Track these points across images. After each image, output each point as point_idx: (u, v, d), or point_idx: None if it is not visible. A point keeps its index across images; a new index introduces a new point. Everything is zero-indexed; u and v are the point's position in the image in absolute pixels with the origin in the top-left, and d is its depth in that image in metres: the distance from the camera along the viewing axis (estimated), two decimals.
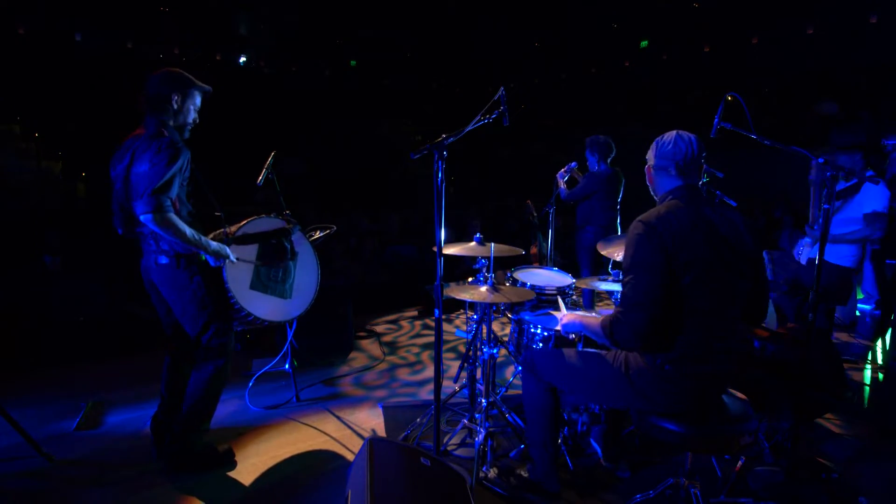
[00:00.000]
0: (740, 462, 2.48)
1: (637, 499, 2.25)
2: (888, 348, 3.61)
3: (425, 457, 1.98)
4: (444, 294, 2.37)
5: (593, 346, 2.44)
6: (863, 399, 3.53)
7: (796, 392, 2.43)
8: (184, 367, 2.59)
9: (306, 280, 2.99)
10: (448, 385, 3.45)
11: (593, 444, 2.65)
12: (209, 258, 2.42)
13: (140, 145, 2.25)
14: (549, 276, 3.22)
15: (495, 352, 2.79)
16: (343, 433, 2.95)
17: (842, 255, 3.39)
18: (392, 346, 4.50)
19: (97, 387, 3.47)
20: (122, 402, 3.26)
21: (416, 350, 4.42)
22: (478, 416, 2.74)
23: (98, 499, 2.34)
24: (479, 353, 2.91)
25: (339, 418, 3.12)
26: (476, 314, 3.00)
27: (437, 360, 2.33)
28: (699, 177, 1.99)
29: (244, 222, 2.69)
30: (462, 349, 4.35)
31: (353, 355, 4.23)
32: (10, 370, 3.77)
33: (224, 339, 2.47)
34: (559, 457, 2.57)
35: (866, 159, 3.36)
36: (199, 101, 2.45)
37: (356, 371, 3.91)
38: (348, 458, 2.67)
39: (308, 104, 14.43)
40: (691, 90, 13.96)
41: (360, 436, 2.92)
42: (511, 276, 3.11)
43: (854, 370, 4.00)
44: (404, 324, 5.18)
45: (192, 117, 2.43)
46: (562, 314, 2.35)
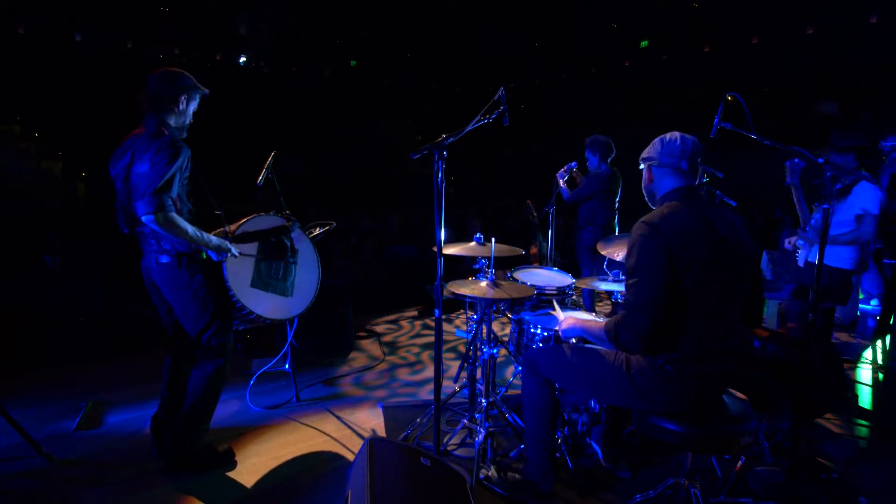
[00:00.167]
0: (740, 462, 2.48)
1: (637, 499, 2.25)
2: (888, 348, 3.61)
3: (425, 457, 1.98)
4: (445, 292, 2.37)
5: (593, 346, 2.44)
6: (863, 399, 3.53)
7: (796, 392, 2.43)
8: (184, 366, 2.59)
9: (307, 278, 2.98)
10: (448, 385, 3.45)
11: (593, 444, 2.65)
12: (211, 254, 2.43)
13: (140, 145, 2.25)
14: (549, 276, 3.22)
15: (495, 352, 2.79)
16: (343, 433, 2.95)
17: (840, 258, 3.38)
18: (392, 346, 4.50)
19: (97, 387, 3.47)
20: (122, 402, 3.26)
21: (416, 350, 4.42)
22: (478, 416, 2.74)
23: (98, 499, 2.34)
24: (479, 353, 2.91)
25: (339, 418, 3.12)
26: (476, 314, 3.00)
27: (437, 360, 2.33)
28: (697, 177, 2.00)
29: (243, 221, 2.69)
30: (462, 349, 4.35)
31: (353, 355, 4.23)
32: (10, 370, 3.76)
33: (223, 338, 2.47)
34: (559, 456, 2.57)
35: (860, 160, 3.35)
36: (197, 104, 2.47)
37: (356, 371, 3.91)
38: (348, 458, 2.67)
39: (308, 104, 14.44)
40: (691, 90, 13.97)
41: (360, 436, 2.92)
42: (511, 276, 3.11)
43: (854, 370, 4.01)
44: (404, 324, 5.17)
45: (191, 118, 2.45)
46: (561, 316, 2.35)
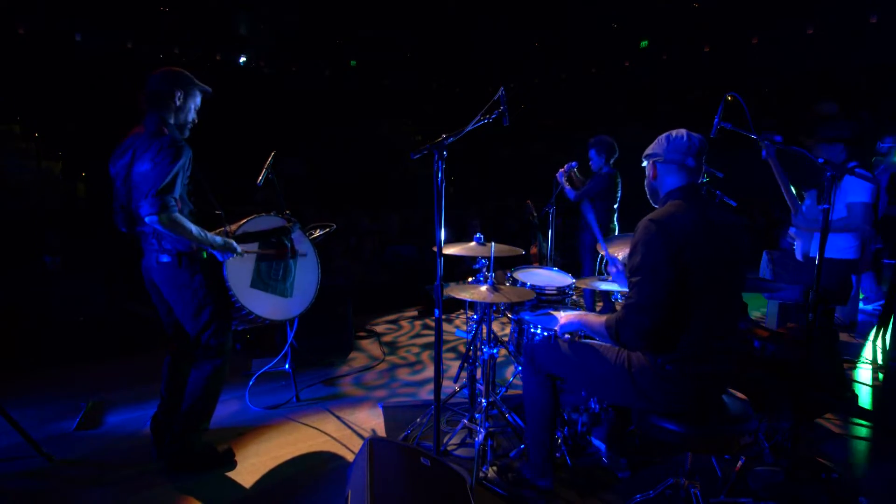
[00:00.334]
0: (740, 462, 2.48)
1: (637, 499, 2.25)
2: (888, 348, 3.61)
3: (425, 457, 1.98)
4: (444, 294, 2.37)
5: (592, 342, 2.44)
6: (863, 399, 3.53)
7: (796, 392, 2.43)
8: (184, 366, 2.59)
9: (307, 279, 2.99)
10: (448, 385, 3.45)
11: (594, 443, 2.65)
12: (217, 253, 2.42)
13: (141, 144, 2.25)
14: (549, 276, 3.22)
15: (495, 352, 2.79)
16: (343, 433, 2.95)
17: (841, 248, 3.33)
18: (392, 346, 4.50)
19: (97, 387, 3.47)
20: (122, 402, 3.26)
21: (416, 350, 4.42)
22: (478, 416, 2.74)
23: (98, 499, 2.34)
24: (479, 353, 2.91)
25: (339, 418, 3.12)
26: (476, 314, 3.00)
27: (437, 360, 2.33)
28: (700, 177, 2.00)
29: (244, 221, 2.69)
30: (462, 349, 4.34)
31: (353, 355, 4.23)
32: (10, 370, 3.76)
33: (222, 338, 2.47)
34: (559, 456, 2.57)
35: (848, 152, 3.33)
36: (199, 101, 2.46)
37: (356, 371, 3.91)
38: (348, 458, 2.67)
39: (308, 104, 14.44)
40: (691, 90, 13.97)
41: (360, 436, 2.92)
42: (511, 276, 3.11)
43: (854, 370, 4.01)
44: (404, 324, 5.17)
45: (192, 117, 2.43)
46: (561, 315, 2.35)
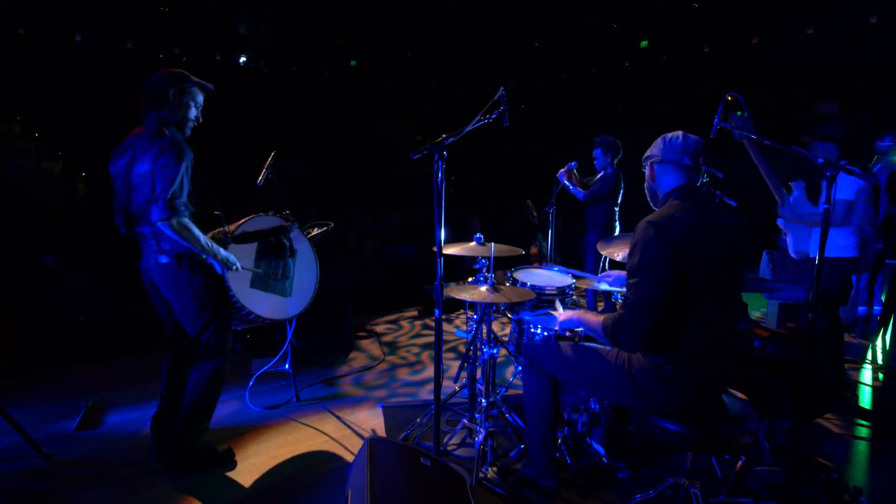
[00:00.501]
0: (740, 462, 2.48)
1: (637, 499, 2.25)
2: (888, 348, 3.61)
3: (425, 457, 1.98)
4: (444, 294, 2.37)
5: (593, 343, 2.44)
6: (863, 399, 3.53)
7: (796, 392, 2.43)
8: (184, 366, 2.59)
9: (306, 278, 2.99)
10: (448, 385, 3.45)
11: (593, 444, 2.65)
12: (216, 265, 2.43)
13: (141, 144, 2.25)
14: (549, 276, 3.22)
15: (495, 352, 2.79)
16: (343, 433, 2.95)
17: (839, 247, 3.33)
18: (392, 346, 4.50)
19: (97, 387, 3.47)
20: (122, 402, 3.26)
21: (416, 350, 4.42)
22: (478, 416, 2.74)
23: (98, 499, 2.34)
24: (479, 353, 2.91)
25: (339, 418, 3.12)
26: (476, 314, 3.00)
27: (437, 360, 2.33)
28: (699, 177, 2.00)
29: (243, 221, 2.70)
30: (462, 349, 4.34)
31: (353, 355, 4.23)
32: (10, 370, 3.77)
33: (222, 338, 2.47)
34: (559, 456, 2.57)
35: (840, 150, 3.34)
36: (201, 99, 2.44)
37: (356, 371, 3.91)
38: (348, 458, 2.67)
39: (308, 104, 14.42)
40: (691, 90, 13.95)
41: (360, 436, 2.92)
42: (511, 276, 3.11)
43: (854, 370, 4.01)
44: (404, 324, 5.18)
45: (194, 114, 2.42)
46: (560, 312, 2.35)
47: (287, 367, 3.44)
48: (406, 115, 14.78)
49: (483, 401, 2.73)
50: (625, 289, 1.97)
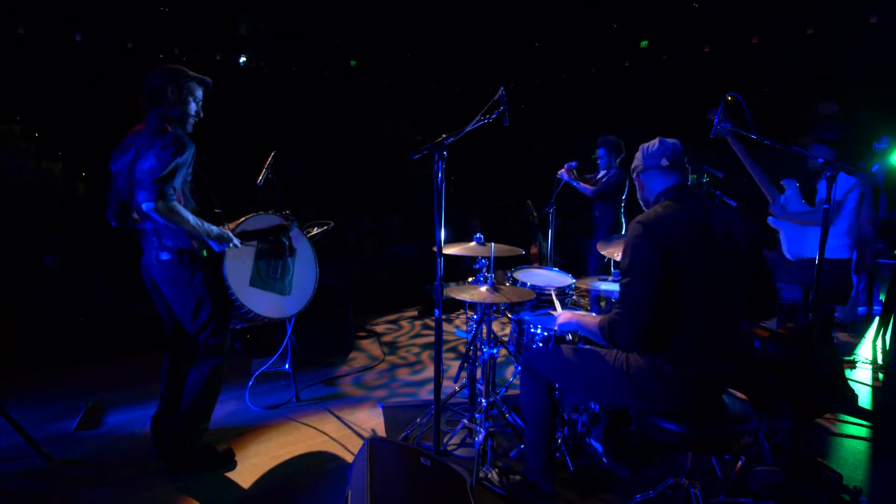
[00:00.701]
0: (740, 462, 2.48)
1: (637, 499, 2.25)
2: (888, 348, 3.61)
3: (425, 457, 1.98)
4: (444, 294, 2.37)
5: (593, 346, 2.44)
6: (863, 399, 3.53)
7: (796, 392, 2.43)
8: (183, 366, 2.59)
9: (305, 276, 2.99)
10: (448, 385, 3.45)
11: (593, 444, 2.65)
12: (213, 244, 2.42)
13: (144, 142, 2.25)
14: (549, 276, 3.22)
15: (495, 352, 2.79)
16: (343, 433, 2.95)
17: (833, 248, 3.33)
18: (392, 346, 4.50)
19: (97, 387, 3.47)
20: (122, 402, 3.26)
21: (416, 350, 4.42)
22: (478, 416, 2.74)
23: (98, 499, 2.34)
24: (479, 353, 2.91)
25: (339, 418, 3.12)
26: (476, 314, 3.00)
27: (437, 360, 2.33)
28: (688, 177, 2.02)
29: (243, 220, 2.70)
30: (462, 349, 4.35)
31: (353, 355, 4.23)
32: (10, 370, 3.77)
33: (220, 337, 2.47)
34: (559, 456, 2.57)
35: (835, 151, 3.35)
36: (201, 94, 2.45)
37: (356, 371, 3.91)
38: (348, 459, 2.67)
39: (308, 104, 14.42)
40: (691, 90, 13.94)
41: (360, 436, 2.92)
42: (511, 276, 3.11)
43: (854, 370, 4.01)
44: (404, 324, 5.18)
45: (194, 109, 2.42)
46: (559, 313, 2.35)
47: (287, 366, 3.44)
48: (406, 115, 14.78)
49: (483, 401, 2.73)
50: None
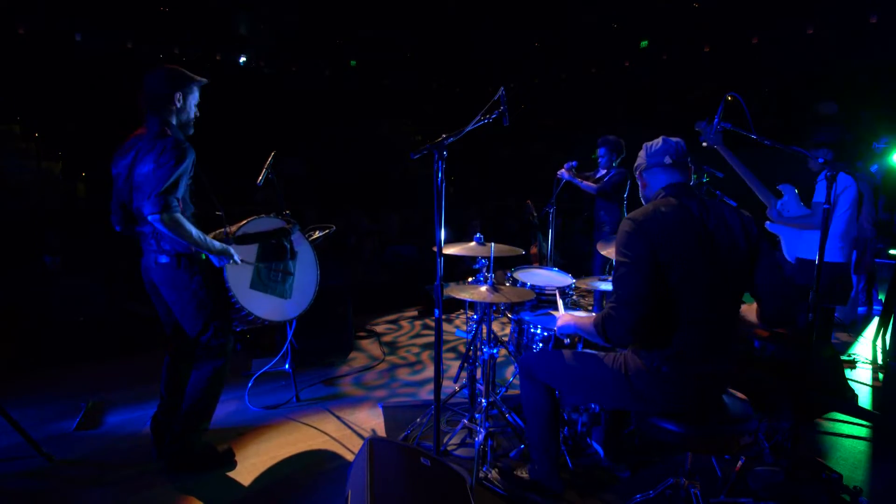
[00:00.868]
0: (740, 462, 2.48)
1: (637, 499, 2.25)
2: (888, 348, 3.61)
3: (425, 457, 1.98)
4: (444, 294, 2.37)
5: (592, 349, 2.44)
6: (863, 399, 3.53)
7: (796, 392, 2.43)
8: (183, 366, 2.59)
9: (306, 280, 2.99)
10: (448, 385, 3.45)
11: (593, 444, 2.65)
12: (213, 258, 2.43)
13: (144, 145, 2.26)
14: (549, 276, 3.22)
15: (495, 352, 2.79)
16: (343, 433, 2.95)
17: (826, 251, 3.33)
18: (392, 346, 4.50)
19: (97, 387, 3.47)
20: (122, 402, 3.26)
21: (416, 350, 4.42)
22: (478, 416, 2.74)
23: (98, 499, 2.34)
24: (479, 353, 2.91)
25: (339, 418, 3.12)
26: (476, 314, 3.00)
27: (437, 360, 2.33)
28: (690, 176, 2.02)
29: (244, 222, 2.69)
30: (462, 349, 4.35)
31: (353, 355, 4.23)
32: (10, 370, 3.77)
33: (223, 339, 2.47)
34: (559, 457, 2.57)
35: (834, 154, 3.36)
36: (198, 96, 2.46)
37: (356, 371, 3.91)
38: (348, 458, 2.67)
39: (308, 104, 14.42)
40: (691, 90, 13.94)
41: (360, 436, 2.92)
42: (511, 276, 3.11)
43: (854, 370, 4.01)
44: (404, 324, 5.18)
45: (194, 113, 2.43)
46: (560, 314, 2.35)
47: (287, 367, 3.44)
48: (406, 115, 14.78)
49: (483, 401, 2.73)
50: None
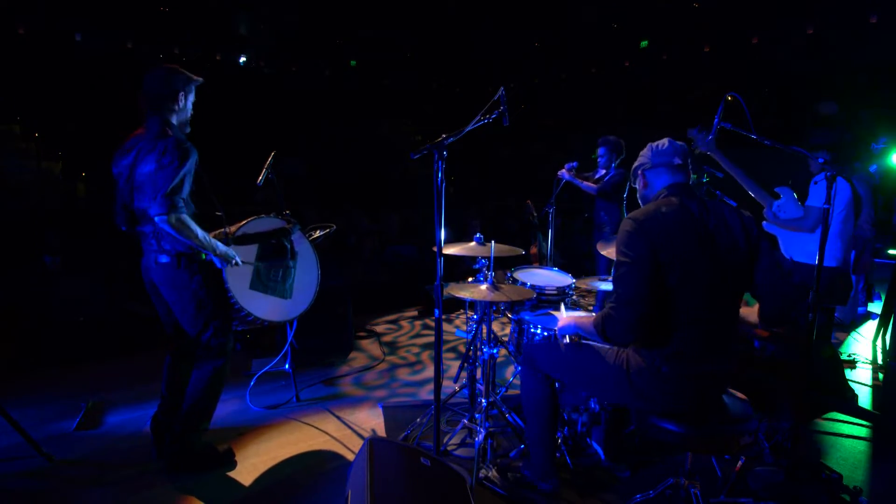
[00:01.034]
0: (740, 462, 2.48)
1: (637, 499, 2.25)
2: (888, 348, 3.61)
3: (425, 457, 1.98)
4: (444, 293, 2.37)
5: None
6: (863, 399, 3.53)
7: (796, 392, 2.43)
8: (184, 366, 2.59)
9: (306, 280, 2.99)
10: (448, 385, 3.45)
11: (593, 444, 2.65)
12: (216, 260, 2.43)
13: (145, 145, 2.26)
14: (549, 276, 3.22)
15: (495, 352, 2.79)
16: (343, 433, 2.95)
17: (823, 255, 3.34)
18: (392, 346, 4.50)
19: (97, 387, 3.47)
20: (122, 402, 3.26)
21: (416, 350, 4.42)
22: (478, 416, 2.74)
23: (98, 499, 2.34)
24: (479, 353, 2.91)
25: (339, 418, 3.12)
26: (476, 314, 3.00)
27: (437, 360, 2.33)
28: (689, 177, 2.03)
29: (244, 222, 2.69)
30: (462, 349, 4.35)
31: (353, 355, 4.23)
32: (10, 370, 3.77)
33: (223, 339, 2.47)
34: (559, 456, 2.57)
35: (832, 156, 3.37)
36: (194, 95, 2.47)
37: (356, 371, 3.91)
38: (348, 458, 2.67)
39: (308, 104, 14.42)
40: (691, 90, 13.94)
41: (360, 436, 2.92)
42: (511, 276, 3.11)
43: (854, 370, 4.01)
44: (404, 324, 5.18)
45: (191, 111, 2.45)
46: (561, 315, 2.35)
47: (287, 367, 3.44)
48: (406, 115, 14.79)
49: (483, 401, 2.73)
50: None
